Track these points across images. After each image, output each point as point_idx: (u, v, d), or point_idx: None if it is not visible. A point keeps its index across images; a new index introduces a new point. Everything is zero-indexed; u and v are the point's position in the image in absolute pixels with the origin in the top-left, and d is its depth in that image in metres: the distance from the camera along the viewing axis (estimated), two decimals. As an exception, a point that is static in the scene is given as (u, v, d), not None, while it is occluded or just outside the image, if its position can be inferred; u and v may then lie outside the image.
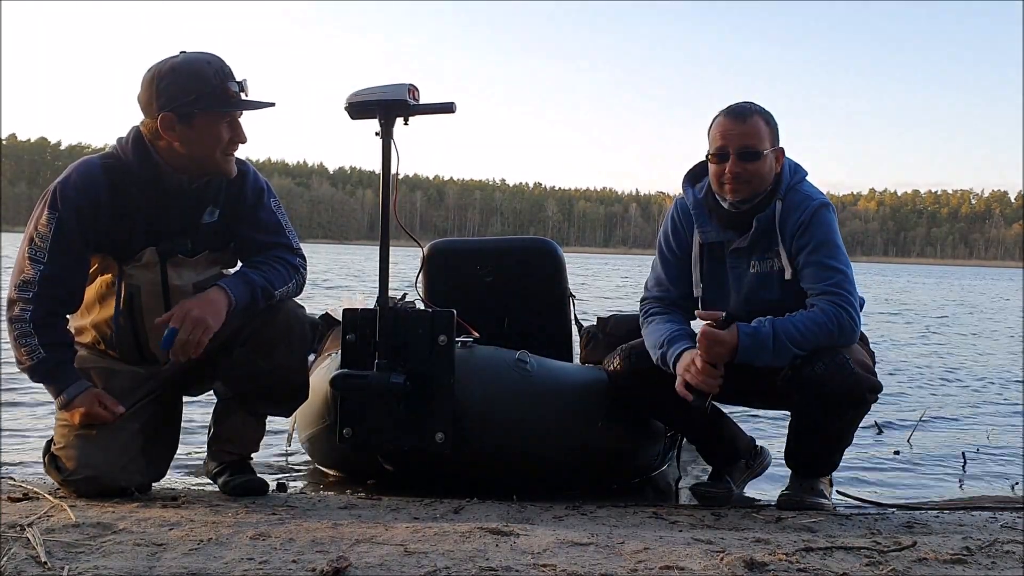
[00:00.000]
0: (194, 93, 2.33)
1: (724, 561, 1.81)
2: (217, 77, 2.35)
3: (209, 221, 2.49)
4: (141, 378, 2.54)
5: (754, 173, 2.60)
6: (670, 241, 2.82)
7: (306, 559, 1.77)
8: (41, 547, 1.78)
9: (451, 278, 3.26)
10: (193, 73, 2.34)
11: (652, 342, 2.69)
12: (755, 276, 2.68)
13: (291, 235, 2.61)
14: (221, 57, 2.41)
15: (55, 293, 2.38)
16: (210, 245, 2.51)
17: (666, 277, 2.81)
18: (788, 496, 2.66)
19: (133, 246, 2.42)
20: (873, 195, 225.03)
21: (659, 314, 2.76)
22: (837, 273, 2.56)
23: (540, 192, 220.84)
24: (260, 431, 2.69)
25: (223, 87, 2.35)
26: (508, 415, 2.67)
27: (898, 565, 1.84)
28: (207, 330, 2.32)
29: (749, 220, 2.64)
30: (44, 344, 2.37)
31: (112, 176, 2.39)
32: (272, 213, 2.58)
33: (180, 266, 2.46)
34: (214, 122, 2.36)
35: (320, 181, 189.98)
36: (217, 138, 2.38)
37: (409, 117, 2.56)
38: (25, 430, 3.71)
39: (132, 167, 2.39)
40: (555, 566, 1.75)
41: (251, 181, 2.56)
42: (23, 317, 2.36)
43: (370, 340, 2.59)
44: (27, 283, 2.36)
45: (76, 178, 2.38)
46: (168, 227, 2.44)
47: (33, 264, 2.36)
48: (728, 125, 2.61)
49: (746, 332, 2.49)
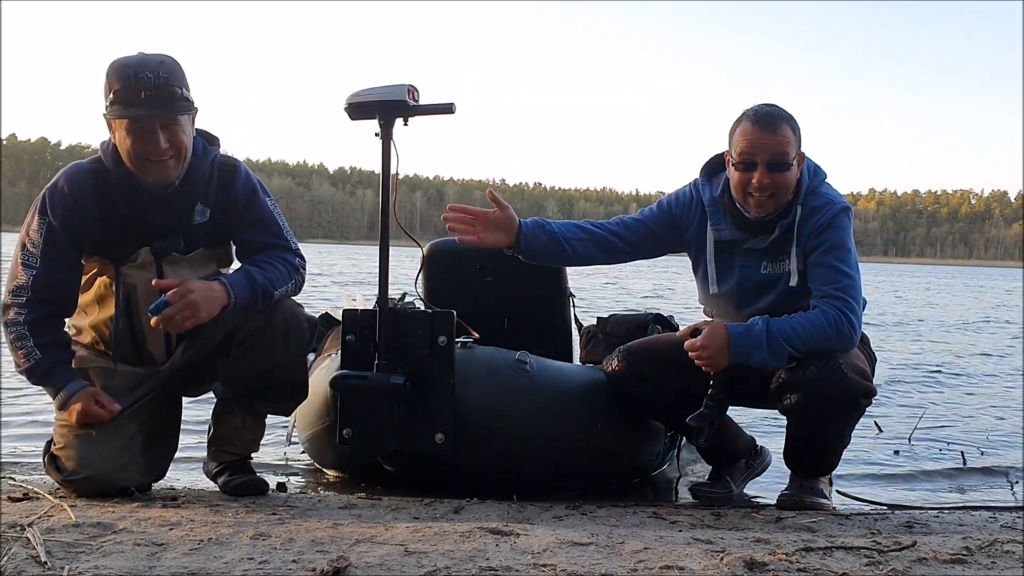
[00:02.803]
0: (109, 96, 2.30)
1: (724, 561, 1.81)
2: (129, 80, 2.26)
3: (201, 221, 2.49)
4: (140, 378, 2.54)
5: (782, 184, 2.55)
6: (676, 204, 2.78)
7: (306, 559, 1.77)
8: (41, 547, 1.79)
9: (451, 278, 3.26)
10: (113, 73, 2.29)
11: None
12: (764, 277, 2.67)
13: (288, 235, 2.61)
14: (164, 61, 2.30)
15: (48, 297, 2.40)
16: (204, 243, 2.51)
17: (637, 217, 2.81)
18: (788, 496, 2.66)
19: (127, 248, 2.43)
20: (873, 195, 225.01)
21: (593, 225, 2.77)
22: (845, 278, 2.55)
23: (540, 192, 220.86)
24: (260, 431, 2.69)
25: (128, 91, 2.25)
26: (508, 415, 2.67)
27: (898, 565, 1.84)
28: (195, 318, 2.30)
29: (771, 225, 2.62)
30: (40, 345, 2.39)
31: (99, 180, 2.40)
32: (268, 212, 2.58)
33: (176, 264, 2.46)
34: (119, 127, 2.32)
35: (320, 181, 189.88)
36: (124, 144, 2.32)
37: (409, 118, 2.56)
38: (25, 430, 3.70)
39: (112, 171, 2.40)
40: (555, 566, 1.76)
41: (242, 180, 2.55)
42: (18, 321, 2.39)
43: (370, 341, 2.59)
44: (20, 288, 2.39)
45: (64, 183, 2.40)
46: (159, 228, 2.44)
47: (26, 269, 2.39)
48: (756, 134, 2.53)
49: (738, 331, 2.49)
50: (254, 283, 2.43)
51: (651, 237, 2.80)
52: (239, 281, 2.42)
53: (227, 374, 2.55)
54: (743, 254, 2.70)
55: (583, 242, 2.75)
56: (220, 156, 2.53)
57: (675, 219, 2.79)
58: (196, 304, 2.30)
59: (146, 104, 2.27)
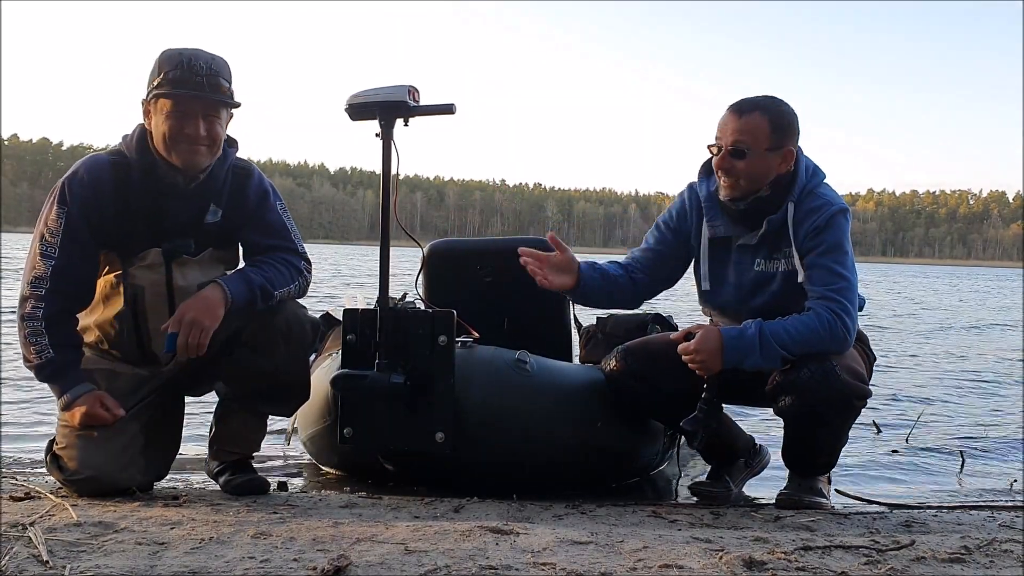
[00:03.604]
0: (156, 79, 2.35)
1: (723, 560, 1.81)
2: (182, 65, 2.33)
3: (212, 221, 2.50)
4: (143, 379, 2.55)
5: (742, 171, 2.58)
6: (673, 218, 2.82)
7: (307, 558, 1.78)
8: (43, 546, 1.79)
9: (451, 278, 3.26)
10: (166, 59, 2.35)
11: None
12: (758, 274, 2.68)
13: (296, 239, 2.62)
14: (216, 57, 2.39)
15: (67, 289, 2.40)
16: (214, 244, 2.52)
17: (643, 247, 2.85)
18: (787, 495, 2.67)
19: (136, 244, 2.43)
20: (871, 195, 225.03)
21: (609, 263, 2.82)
22: (841, 280, 2.54)
23: (540, 192, 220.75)
24: (261, 431, 2.70)
25: (180, 73, 2.32)
26: (508, 415, 2.68)
27: (896, 564, 1.84)
28: (204, 331, 2.33)
29: (758, 219, 2.64)
30: (53, 344, 2.39)
31: (118, 171, 2.41)
32: (277, 216, 2.59)
33: (185, 266, 2.47)
34: (160, 109, 2.36)
35: (321, 182, 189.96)
36: (162, 126, 2.36)
37: (409, 118, 2.57)
38: (27, 430, 3.71)
39: (134, 162, 2.41)
40: (555, 564, 1.76)
41: (255, 183, 2.57)
42: (35, 315, 2.38)
43: (370, 340, 2.60)
44: (39, 279, 2.38)
45: (83, 173, 2.40)
46: (170, 226, 2.44)
47: (44, 260, 2.38)
48: (726, 119, 2.61)
49: (731, 335, 2.50)
50: (251, 281, 2.43)
51: (669, 253, 2.83)
52: (234, 279, 2.43)
53: (230, 374, 2.56)
54: (737, 251, 2.71)
55: (622, 289, 2.81)
56: (235, 160, 2.55)
57: (677, 233, 2.81)
58: (197, 320, 2.32)
59: (195, 87, 2.33)
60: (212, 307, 2.35)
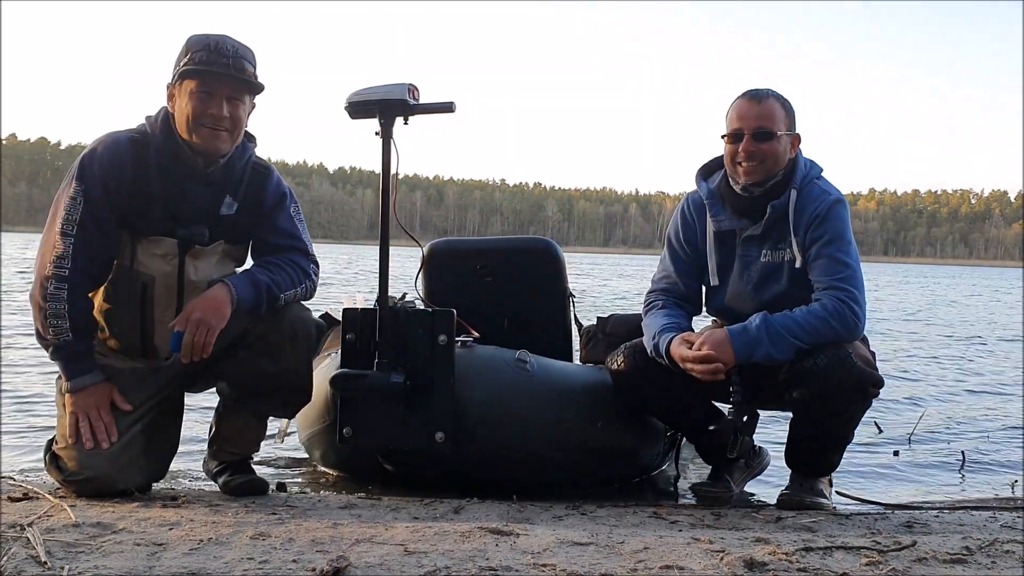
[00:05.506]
0: (183, 61, 2.37)
1: (724, 561, 1.81)
2: (210, 47, 2.36)
3: (227, 213, 2.49)
4: (143, 375, 2.53)
5: (768, 153, 2.61)
6: (679, 234, 2.83)
7: (306, 559, 1.77)
8: (41, 547, 1.79)
9: (451, 278, 3.26)
10: (194, 43, 2.38)
11: (648, 333, 2.70)
12: (765, 265, 2.68)
13: (307, 242, 2.62)
14: (242, 43, 2.42)
15: (88, 267, 2.38)
16: (226, 237, 2.51)
17: (674, 270, 2.83)
18: (788, 496, 2.66)
19: (150, 226, 2.42)
20: (873, 195, 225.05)
21: (661, 307, 2.77)
22: (846, 268, 2.56)
23: (540, 192, 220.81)
24: (261, 431, 2.69)
25: (207, 55, 2.35)
26: (508, 415, 2.67)
27: (898, 565, 1.84)
28: (211, 331, 2.33)
29: (763, 206, 2.65)
30: (73, 328, 2.38)
31: (138, 149, 2.41)
32: (290, 219, 2.59)
33: (197, 259, 2.46)
34: (186, 90, 2.37)
35: (320, 181, 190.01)
36: (186, 108, 2.37)
37: (409, 117, 2.56)
38: (26, 430, 3.71)
39: (156, 142, 2.41)
40: (555, 566, 1.76)
41: (274, 184, 2.57)
42: (59, 296, 2.36)
43: (370, 340, 2.59)
44: (61, 258, 2.36)
45: (102, 151, 2.40)
46: (186, 211, 2.43)
47: (64, 238, 2.36)
48: (744, 106, 2.65)
49: (735, 330, 2.51)
50: (257, 283, 2.43)
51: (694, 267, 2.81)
52: (241, 280, 2.42)
53: (233, 375, 2.55)
54: (743, 244, 2.71)
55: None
56: (254, 157, 2.56)
57: (688, 244, 2.81)
58: (204, 320, 2.32)
59: (222, 67, 2.35)
60: (219, 307, 2.35)
